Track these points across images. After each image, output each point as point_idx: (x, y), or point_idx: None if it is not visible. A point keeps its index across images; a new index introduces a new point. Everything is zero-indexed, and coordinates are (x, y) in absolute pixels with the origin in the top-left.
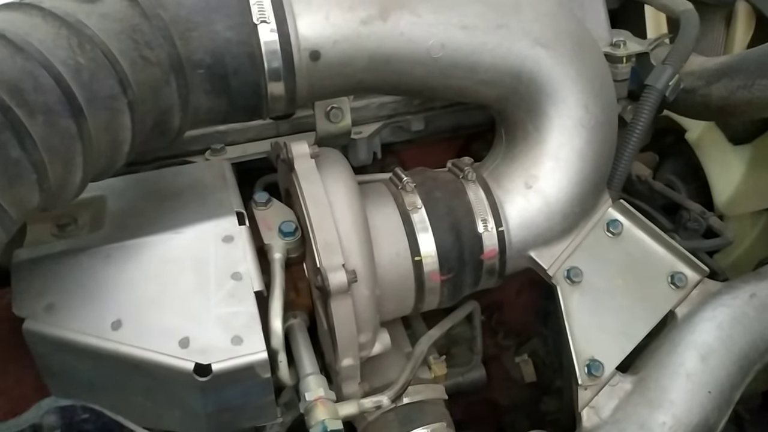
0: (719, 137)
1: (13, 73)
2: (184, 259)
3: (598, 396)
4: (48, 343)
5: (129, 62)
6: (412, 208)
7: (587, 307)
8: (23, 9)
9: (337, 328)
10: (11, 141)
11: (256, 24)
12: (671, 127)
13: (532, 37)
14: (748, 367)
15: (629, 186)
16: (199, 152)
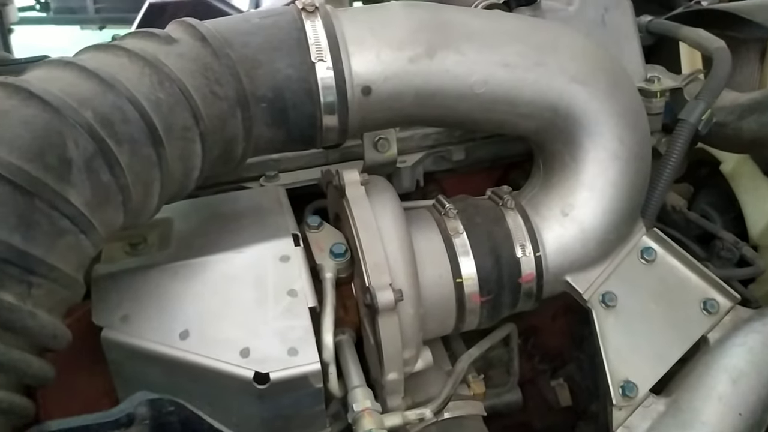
0: (754, 169)
1: (105, 108)
2: (245, 277)
3: (632, 416)
4: (122, 351)
5: (201, 97)
6: (454, 233)
7: (622, 330)
8: (111, 50)
9: (383, 343)
10: (102, 167)
11: (314, 62)
12: (706, 159)
13: (568, 74)
14: None
15: (664, 216)
16: (254, 178)
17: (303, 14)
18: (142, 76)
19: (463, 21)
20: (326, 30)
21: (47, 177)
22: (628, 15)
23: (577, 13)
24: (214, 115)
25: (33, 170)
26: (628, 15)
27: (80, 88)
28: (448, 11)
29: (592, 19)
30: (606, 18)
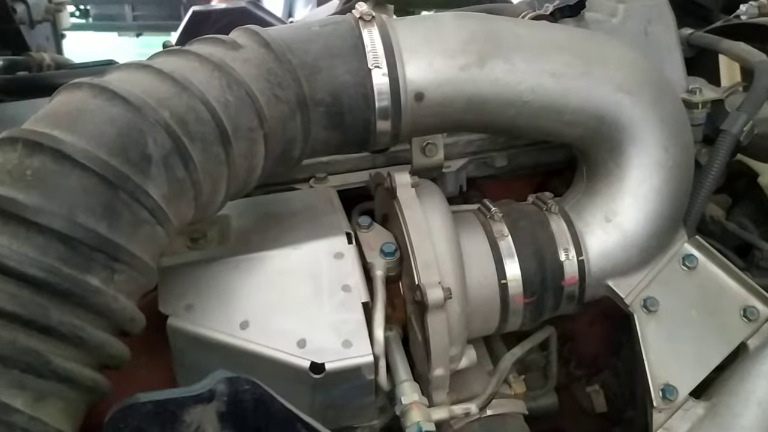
0: None
1: (180, 108)
2: (301, 272)
3: (671, 419)
4: (186, 338)
5: (265, 100)
6: (499, 235)
7: (663, 335)
8: (183, 54)
9: (431, 339)
10: (178, 163)
11: (371, 69)
12: (744, 171)
13: (615, 83)
14: None
15: (703, 226)
16: (304, 180)
17: (360, 23)
18: (212, 79)
19: (513, 31)
20: (382, 38)
21: (130, 171)
22: (670, 28)
23: (620, 25)
24: (276, 117)
25: (118, 164)
26: (670, 28)
27: (157, 90)
28: (498, 22)
29: (635, 31)
30: (649, 30)
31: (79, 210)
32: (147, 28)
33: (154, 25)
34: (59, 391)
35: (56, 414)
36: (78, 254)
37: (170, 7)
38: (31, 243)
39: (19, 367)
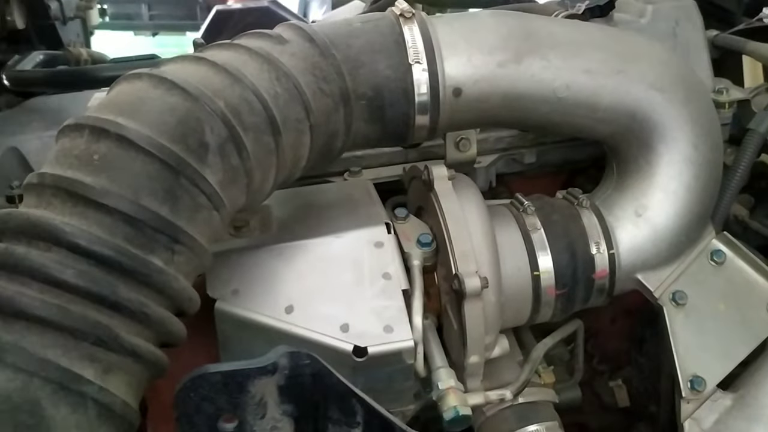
0: None
1: (234, 99)
2: (343, 259)
3: (699, 409)
4: (233, 322)
5: (311, 93)
6: (532, 228)
7: (691, 328)
8: (233, 48)
9: (468, 327)
10: (233, 151)
11: (411, 64)
12: (765, 172)
13: (647, 81)
14: None
15: (726, 225)
16: (339, 173)
17: (401, 20)
18: (262, 72)
19: (549, 29)
20: (422, 34)
21: (189, 157)
22: (698, 29)
23: (648, 25)
24: (320, 109)
25: (178, 151)
26: (698, 29)
27: (212, 81)
28: (535, 20)
29: (664, 32)
30: (677, 31)
31: (143, 193)
32: (163, 28)
33: (170, 25)
34: (125, 365)
35: (122, 386)
36: (142, 235)
37: (186, 6)
38: (100, 224)
39: (89, 340)
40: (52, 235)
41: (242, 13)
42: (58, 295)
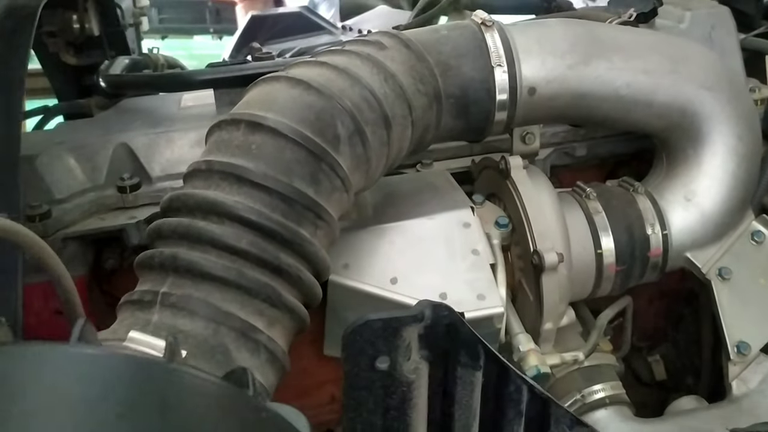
0: None
1: (356, 97)
2: (437, 238)
3: (745, 371)
4: (344, 292)
5: (411, 92)
6: (594, 212)
7: (736, 299)
8: (346, 54)
9: (545, 297)
10: (358, 143)
11: (493, 67)
12: None
13: (697, 81)
14: None
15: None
16: (411, 166)
17: (482, 28)
18: (372, 74)
19: (611, 35)
20: (502, 41)
21: (327, 146)
22: (732, 32)
23: (687, 30)
24: (419, 107)
25: (319, 141)
26: (732, 32)
27: (336, 82)
28: (597, 27)
29: (701, 36)
30: (713, 35)
31: (294, 176)
32: (172, 31)
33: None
34: (284, 321)
35: (281, 338)
36: (294, 212)
37: (195, 10)
38: (262, 202)
39: (260, 298)
40: (225, 211)
41: (275, 18)
42: (234, 261)
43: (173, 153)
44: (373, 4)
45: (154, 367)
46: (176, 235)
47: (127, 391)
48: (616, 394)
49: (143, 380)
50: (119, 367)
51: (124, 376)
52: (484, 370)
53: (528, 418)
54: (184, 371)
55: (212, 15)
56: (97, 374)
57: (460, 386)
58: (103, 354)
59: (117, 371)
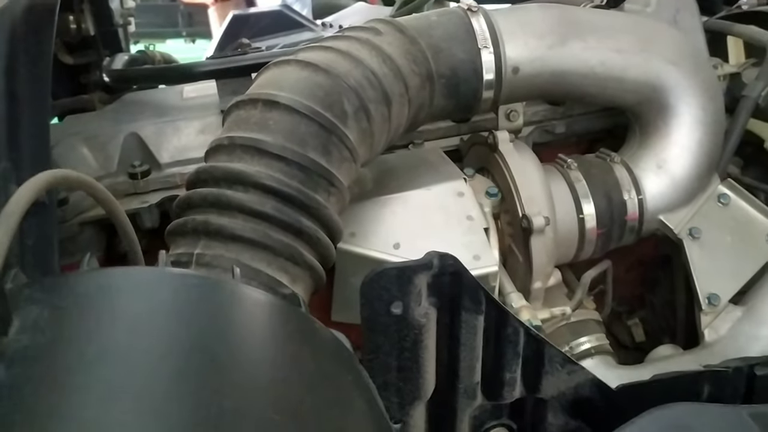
0: None
1: (359, 77)
2: (434, 206)
3: (716, 320)
4: (351, 258)
5: (407, 73)
6: (575, 180)
7: (706, 256)
8: (347, 39)
9: (534, 258)
10: (363, 118)
11: (480, 49)
12: (751, 139)
13: (664, 57)
14: None
15: None
16: (403, 146)
17: (469, 13)
18: (372, 57)
19: (586, 18)
20: (487, 24)
21: (337, 121)
22: (695, 15)
23: (654, 13)
24: (414, 86)
25: (330, 116)
26: (695, 15)
27: (341, 64)
28: (574, 10)
29: (667, 18)
30: (677, 17)
31: (309, 148)
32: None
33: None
34: (305, 278)
35: (303, 294)
36: (310, 180)
37: (167, 14)
38: (281, 171)
39: (284, 257)
40: (249, 180)
41: (257, 17)
42: (259, 224)
43: (180, 140)
44: (345, 4)
45: (229, 285)
46: (206, 203)
47: (209, 304)
48: (601, 344)
49: (223, 296)
50: (205, 284)
51: (208, 291)
52: (485, 315)
53: (525, 358)
54: (253, 289)
55: (184, 18)
56: (187, 289)
57: (465, 330)
58: (190, 274)
59: (204, 288)
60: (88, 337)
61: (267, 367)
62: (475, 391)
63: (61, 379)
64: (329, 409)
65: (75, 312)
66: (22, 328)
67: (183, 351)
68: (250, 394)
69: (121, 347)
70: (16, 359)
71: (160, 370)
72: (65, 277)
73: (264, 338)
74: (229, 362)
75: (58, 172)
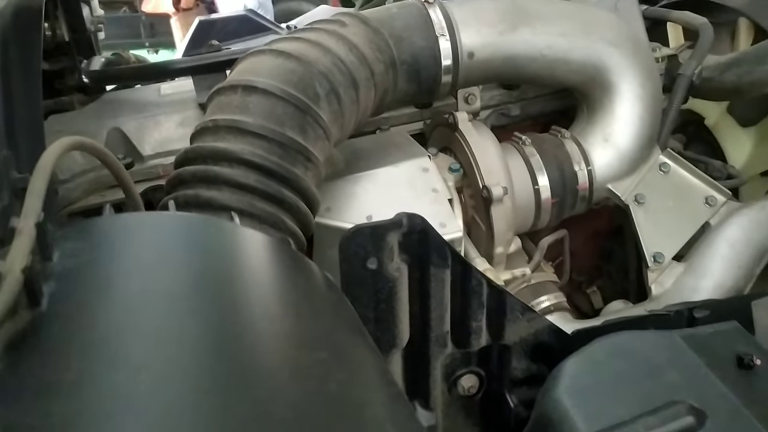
0: (731, 122)
1: (328, 64)
2: (402, 181)
3: (661, 276)
4: (328, 231)
5: (372, 59)
6: (530, 155)
7: (650, 219)
8: (316, 31)
9: (495, 225)
10: (333, 100)
11: (438, 36)
12: (693, 118)
13: (606, 40)
14: (763, 252)
15: None
16: (371, 132)
17: (426, 5)
18: (339, 46)
19: (533, 6)
20: (443, 14)
21: (310, 103)
22: (634, 3)
23: (597, 2)
24: (378, 72)
25: (304, 98)
26: (634, 3)
27: (312, 52)
28: (522, 0)
29: (608, 6)
30: (619, 5)
31: (286, 127)
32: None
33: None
34: None
35: None
36: (289, 155)
37: (129, 25)
38: (262, 148)
39: (268, 224)
40: (234, 157)
41: (223, 22)
42: (245, 195)
43: (161, 133)
44: (306, 9)
45: (229, 230)
46: (195, 179)
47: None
48: (559, 302)
49: (223, 234)
50: (206, 229)
51: (213, 230)
52: (452, 269)
53: (488, 308)
54: (250, 230)
55: (146, 29)
56: (196, 230)
57: (434, 283)
58: (195, 216)
59: (206, 235)
60: (118, 259)
61: (278, 291)
62: (445, 339)
63: (101, 290)
64: (339, 335)
65: (105, 243)
66: (62, 255)
67: (199, 267)
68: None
69: (146, 266)
70: (63, 277)
71: (178, 281)
72: (92, 221)
73: (271, 268)
74: (245, 281)
75: (75, 138)
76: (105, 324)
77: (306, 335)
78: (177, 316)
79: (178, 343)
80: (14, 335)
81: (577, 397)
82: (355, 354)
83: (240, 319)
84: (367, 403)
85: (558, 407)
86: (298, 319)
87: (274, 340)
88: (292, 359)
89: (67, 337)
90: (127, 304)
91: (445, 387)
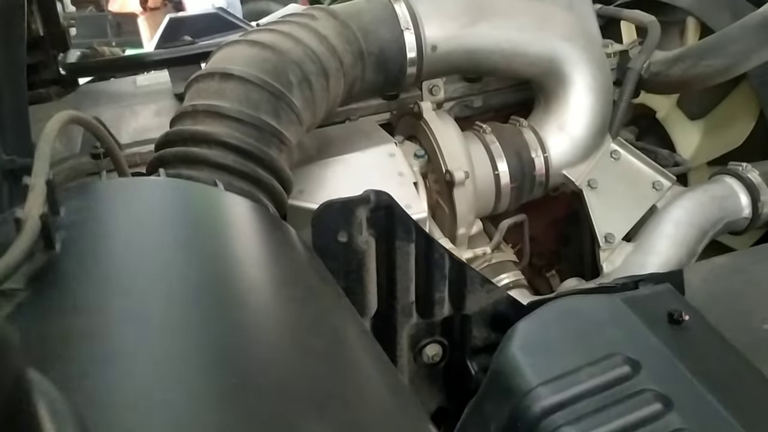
0: (681, 115)
1: (300, 54)
2: (370, 166)
3: (612, 255)
4: (301, 213)
5: (341, 50)
6: (490, 142)
7: (602, 202)
8: (287, 24)
9: (457, 206)
10: (306, 88)
11: (403, 30)
12: (645, 112)
13: (560, 35)
14: (705, 232)
15: None
16: (341, 122)
17: (392, 0)
18: (310, 37)
19: (492, 2)
20: (408, 9)
21: (283, 89)
22: (588, 2)
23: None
24: (347, 63)
25: (278, 85)
26: (588, 2)
27: (284, 42)
28: None
29: (563, 5)
30: (573, 3)
31: (261, 111)
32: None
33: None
34: None
35: None
36: (264, 138)
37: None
38: (239, 131)
39: None
40: (212, 139)
41: (193, 20)
42: (223, 175)
43: (138, 123)
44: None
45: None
46: (176, 160)
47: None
48: (518, 279)
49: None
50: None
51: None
52: (416, 243)
53: (450, 280)
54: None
55: (113, 28)
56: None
57: (399, 256)
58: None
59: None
60: (119, 213)
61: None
62: (411, 309)
63: (106, 237)
64: (313, 279)
65: (106, 201)
66: (68, 211)
67: (191, 220)
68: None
69: (144, 218)
70: (70, 227)
71: (173, 231)
72: (92, 183)
73: (252, 225)
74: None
75: (72, 112)
76: (112, 263)
77: (287, 276)
78: (175, 257)
79: (178, 276)
80: (34, 272)
81: (528, 353)
82: (331, 289)
83: (229, 255)
84: (350, 334)
85: (510, 362)
86: (278, 259)
87: (257, 272)
88: (273, 290)
89: (81, 273)
90: (130, 246)
91: (411, 356)
